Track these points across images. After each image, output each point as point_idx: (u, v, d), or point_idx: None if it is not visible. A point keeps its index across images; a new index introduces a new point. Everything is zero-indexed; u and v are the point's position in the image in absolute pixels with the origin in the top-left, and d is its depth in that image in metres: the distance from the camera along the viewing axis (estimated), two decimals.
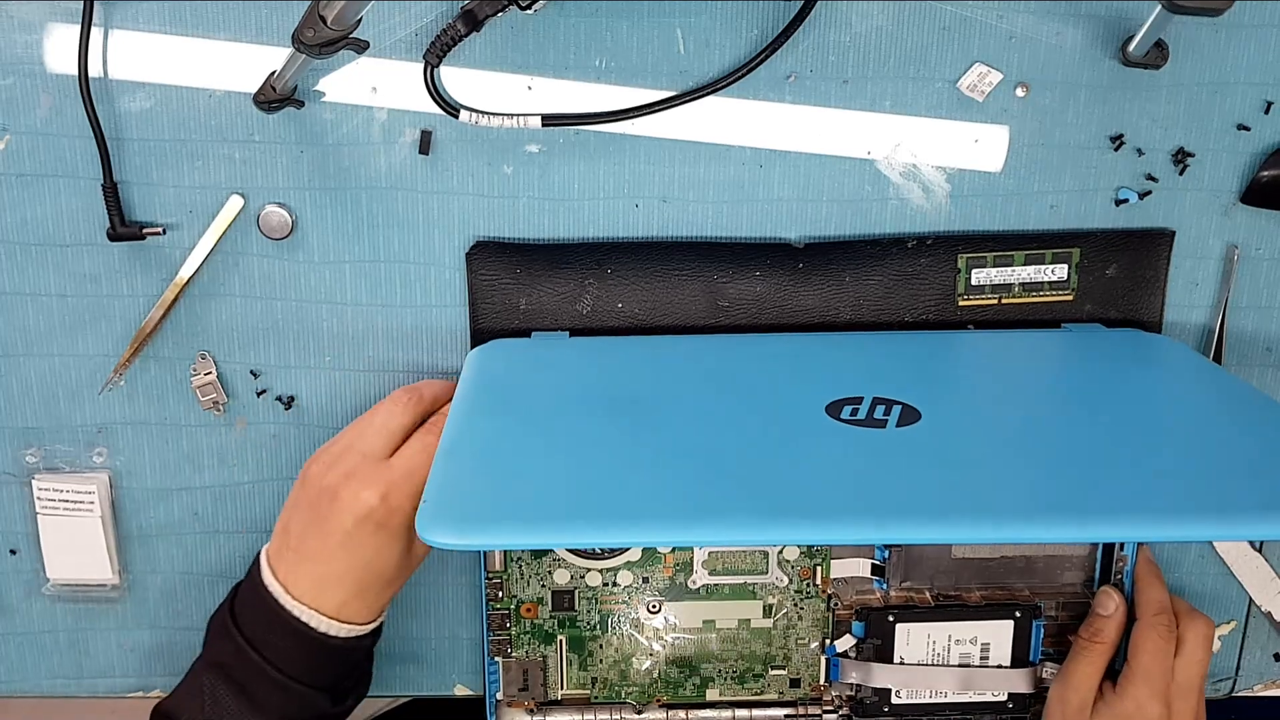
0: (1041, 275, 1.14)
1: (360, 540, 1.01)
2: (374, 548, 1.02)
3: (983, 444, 0.93)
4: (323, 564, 1.02)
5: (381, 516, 1.00)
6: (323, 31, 0.92)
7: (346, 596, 1.03)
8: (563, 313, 1.14)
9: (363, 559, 1.02)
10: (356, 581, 1.03)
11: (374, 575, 1.03)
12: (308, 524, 1.03)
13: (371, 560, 1.02)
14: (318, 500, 1.02)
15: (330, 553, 1.01)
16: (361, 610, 1.05)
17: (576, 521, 0.84)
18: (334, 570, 1.02)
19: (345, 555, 1.01)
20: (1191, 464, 0.88)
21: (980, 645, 1.17)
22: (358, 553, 1.01)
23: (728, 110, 1.10)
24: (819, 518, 0.82)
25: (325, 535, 1.01)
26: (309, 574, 1.03)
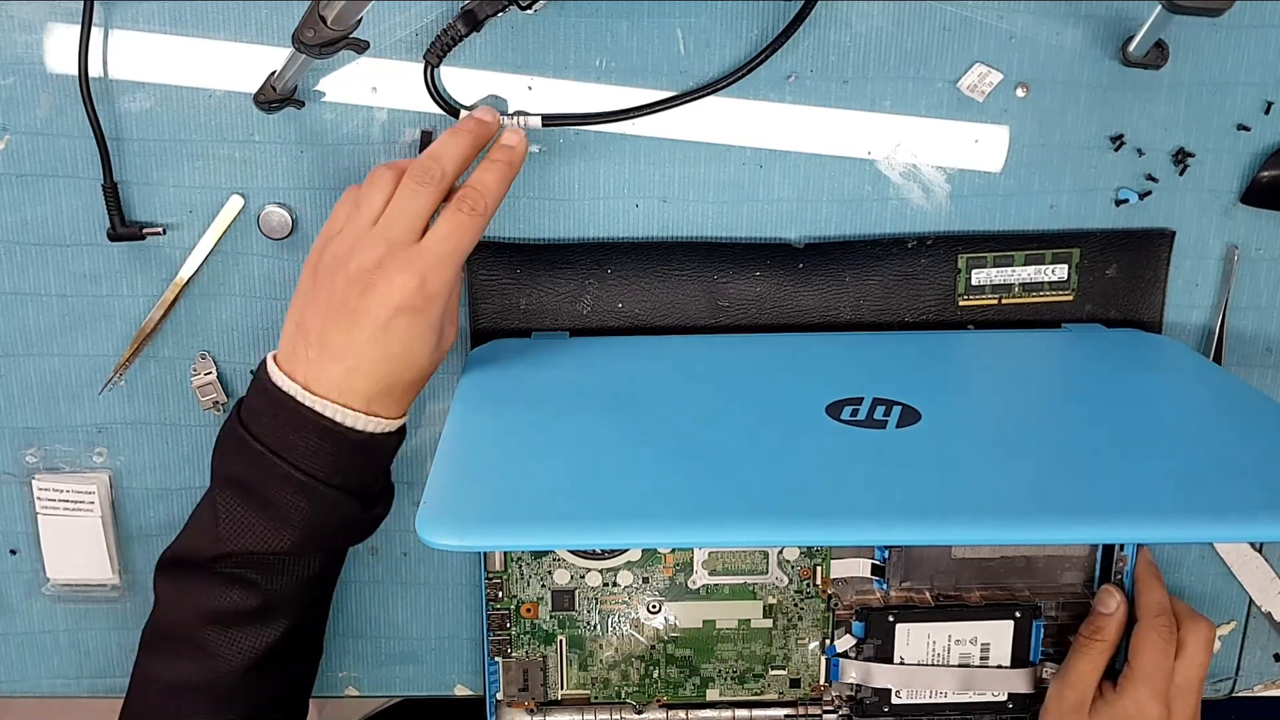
0: (1041, 275, 1.15)
1: (395, 331, 0.97)
2: (408, 338, 0.98)
3: (982, 445, 0.93)
4: (350, 359, 0.98)
5: (420, 303, 0.97)
6: (323, 32, 0.93)
7: (374, 392, 0.99)
8: (563, 313, 1.15)
9: (395, 350, 0.98)
10: (386, 375, 0.99)
11: (405, 367, 1.00)
12: (330, 319, 0.98)
13: (403, 352, 0.99)
14: (346, 293, 0.97)
15: (359, 347, 0.98)
16: (389, 406, 1.01)
17: (577, 522, 0.84)
18: (363, 364, 0.98)
19: (376, 348, 0.98)
20: (1191, 465, 0.89)
21: (980, 645, 1.18)
22: (391, 345, 0.98)
23: (728, 110, 1.10)
24: (819, 518, 0.83)
25: (353, 328, 0.97)
26: (334, 371, 0.99)
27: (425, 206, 0.99)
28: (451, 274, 0.98)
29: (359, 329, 0.97)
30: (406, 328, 0.97)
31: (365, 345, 0.97)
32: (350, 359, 0.98)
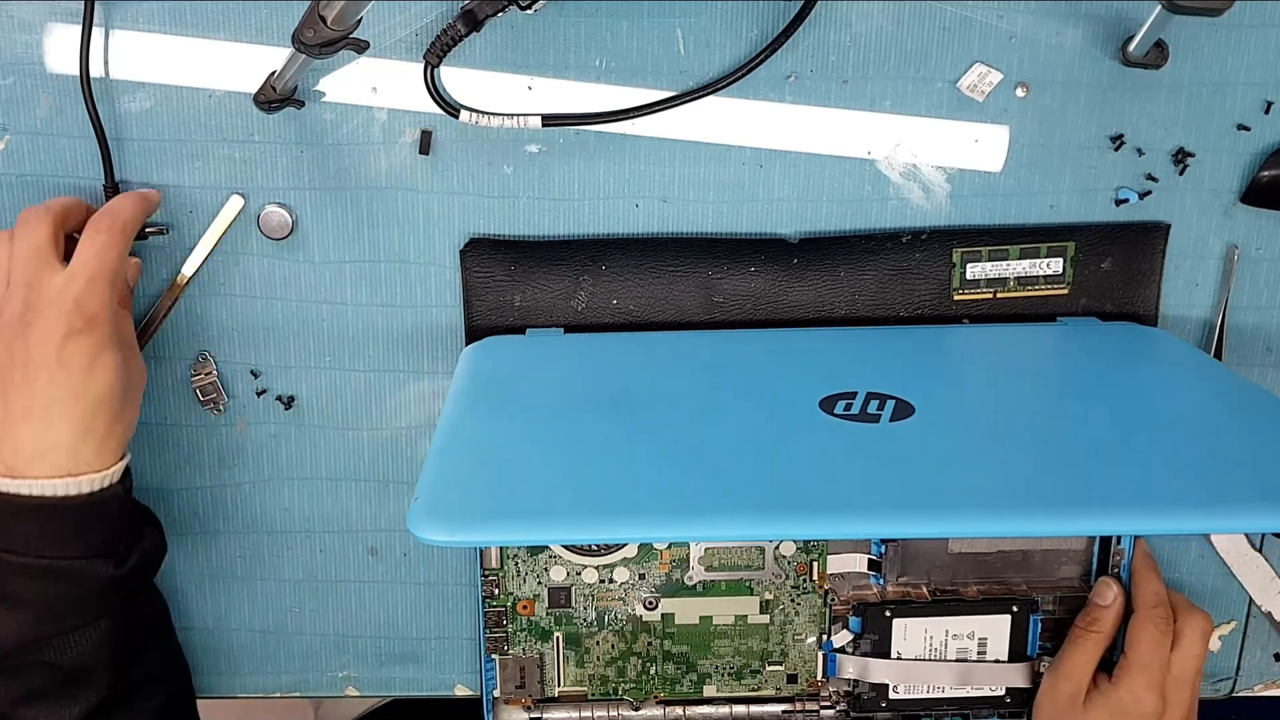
0: (1036, 269, 1.15)
1: (69, 363, 0.96)
2: (85, 365, 0.96)
3: (976, 438, 0.93)
4: (38, 412, 0.96)
5: (81, 324, 0.96)
6: (323, 32, 0.93)
7: (75, 441, 0.97)
8: (558, 309, 1.15)
9: (77, 383, 0.97)
10: (80, 417, 0.97)
11: (95, 400, 0.98)
12: (5, 381, 0.97)
13: (86, 383, 0.97)
14: (9, 350, 0.97)
15: (42, 395, 0.96)
16: (97, 454, 0.99)
17: (570, 517, 0.84)
18: (53, 413, 0.96)
19: (58, 388, 0.96)
20: (1187, 456, 0.89)
21: (978, 640, 1.18)
22: (72, 379, 0.96)
23: (728, 110, 1.11)
24: (812, 512, 0.83)
25: (29, 378, 0.96)
26: (27, 434, 0.97)
27: (45, 236, 0.99)
28: (104, 291, 0.98)
29: (34, 376, 0.96)
30: (79, 353, 0.96)
31: (47, 389, 0.96)
32: (39, 412, 0.97)
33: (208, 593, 1.22)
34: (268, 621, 1.23)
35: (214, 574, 1.22)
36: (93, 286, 0.97)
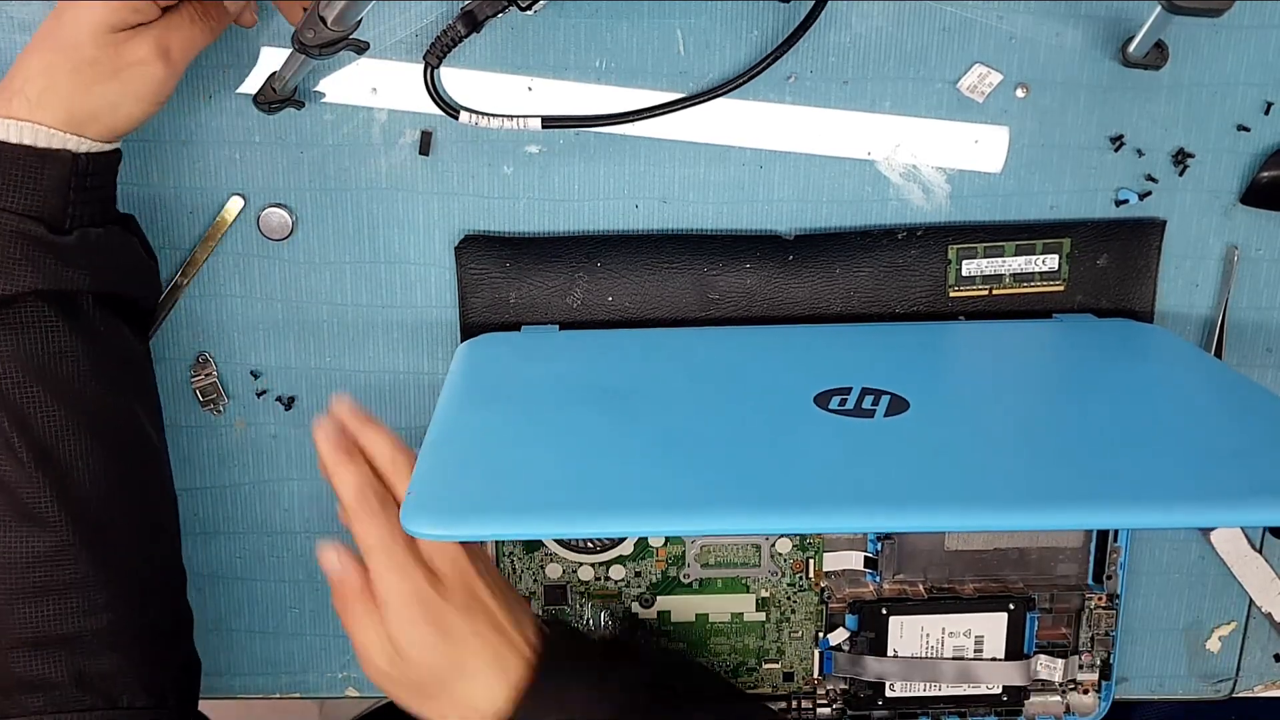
0: (1032, 266, 1.16)
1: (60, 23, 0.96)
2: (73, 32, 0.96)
3: (971, 433, 0.94)
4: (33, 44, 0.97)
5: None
6: (323, 32, 0.95)
7: (47, 73, 0.97)
8: (553, 306, 1.16)
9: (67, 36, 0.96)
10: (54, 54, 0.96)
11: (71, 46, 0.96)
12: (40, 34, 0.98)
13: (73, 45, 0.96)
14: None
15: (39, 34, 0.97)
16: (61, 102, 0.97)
17: (564, 511, 0.84)
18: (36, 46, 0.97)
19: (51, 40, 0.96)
20: (1183, 450, 0.90)
21: (974, 638, 1.20)
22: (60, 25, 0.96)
23: (728, 111, 1.12)
24: (806, 506, 0.84)
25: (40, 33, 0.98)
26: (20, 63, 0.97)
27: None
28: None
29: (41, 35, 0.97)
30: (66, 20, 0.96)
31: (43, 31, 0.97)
32: (34, 43, 0.97)
33: (207, 593, 1.23)
34: (268, 621, 1.24)
35: (214, 574, 1.23)
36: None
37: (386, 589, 0.94)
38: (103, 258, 1.03)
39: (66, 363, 1.00)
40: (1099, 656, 1.23)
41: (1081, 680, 1.24)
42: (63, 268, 1.00)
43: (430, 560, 0.96)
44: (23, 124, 0.96)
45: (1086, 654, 1.23)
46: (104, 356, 1.03)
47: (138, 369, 1.09)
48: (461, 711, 0.97)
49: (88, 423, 1.01)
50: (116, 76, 0.98)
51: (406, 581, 0.94)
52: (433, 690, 0.96)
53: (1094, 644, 1.23)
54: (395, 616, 0.94)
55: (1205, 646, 1.27)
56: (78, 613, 1.00)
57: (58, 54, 0.96)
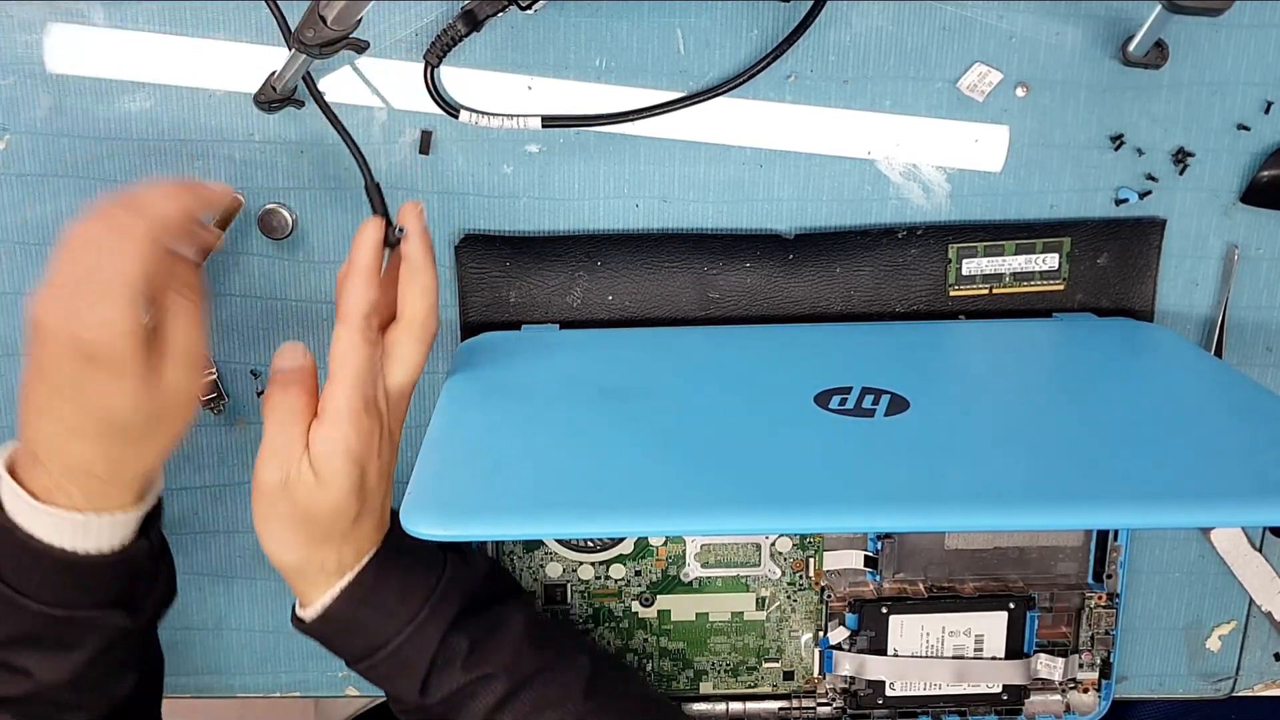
0: (1032, 265, 1.17)
1: (79, 385, 0.89)
2: (97, 388, 0.90)
3: (971, 432, 0.95)
4: (54, 415, 0.91)
5: (89, 348, 0.88)
6: (323, 32, 0.95)
7: (88, 453, 0.92)
8: (553, 305, 1.17)
9: (90, 406, 0.90)
10: (94, 435, 0.91)
11: (108, 425, 0.91)
12: (32, 372, 0.91)
13: (100, 408, 0.90)
14: (32, 352, 0.90)
15: (56, 403, 0.91)
16: (111, 478, 0.94)
17: (565, 511, 0.85)
18: (68, 421, 0.91)
19: (70, 404, 0.90)
20: (1183, 449, 0.91)
21: (974, 637, 1.21)
22: (82, 400, 0.90)
23: (728, 110, 1.13)
24: (807, 506, 0.84)
25: (42, 380, 0.91)
26: (46, 431, 0.92)
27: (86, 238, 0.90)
28: (114, 310, 0.88)
29: (45, 382, 0.91)
30: (88, 381, 0.90)
31: (61, 403, 0.91)
32: (54, 415, 0.92)
33: (208, 593, 1.24)
34: (268, 621, 1.25)
35: (214, 574, 1.24)
36: (99, 307, 0.88)
37: (342, 411, 0.96)
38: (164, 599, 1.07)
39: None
40: (1099, 655, 1.24)
41: (1081, 679, 1.25)
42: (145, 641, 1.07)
43: (382, 406, 0.99)
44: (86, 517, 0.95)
45: (1086, 653, 1.24)
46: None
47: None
48: (325, 566, 1.00)
49: None
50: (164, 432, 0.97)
51: (368, 412, 0.97)
52: (321, 530, 0.98)
53: (1094, 643, 1.24)
54: (338, 437, 0.95)
55: (1205, 645, 1.28)
56: None
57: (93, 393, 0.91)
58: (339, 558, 1.00)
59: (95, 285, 0.88)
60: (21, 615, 0.96)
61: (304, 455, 0.96)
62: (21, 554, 0.95)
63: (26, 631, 0.97)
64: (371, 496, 0.99)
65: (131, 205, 0.91)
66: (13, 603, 0.96)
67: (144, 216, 0.90)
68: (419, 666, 1.03)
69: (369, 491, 0.99)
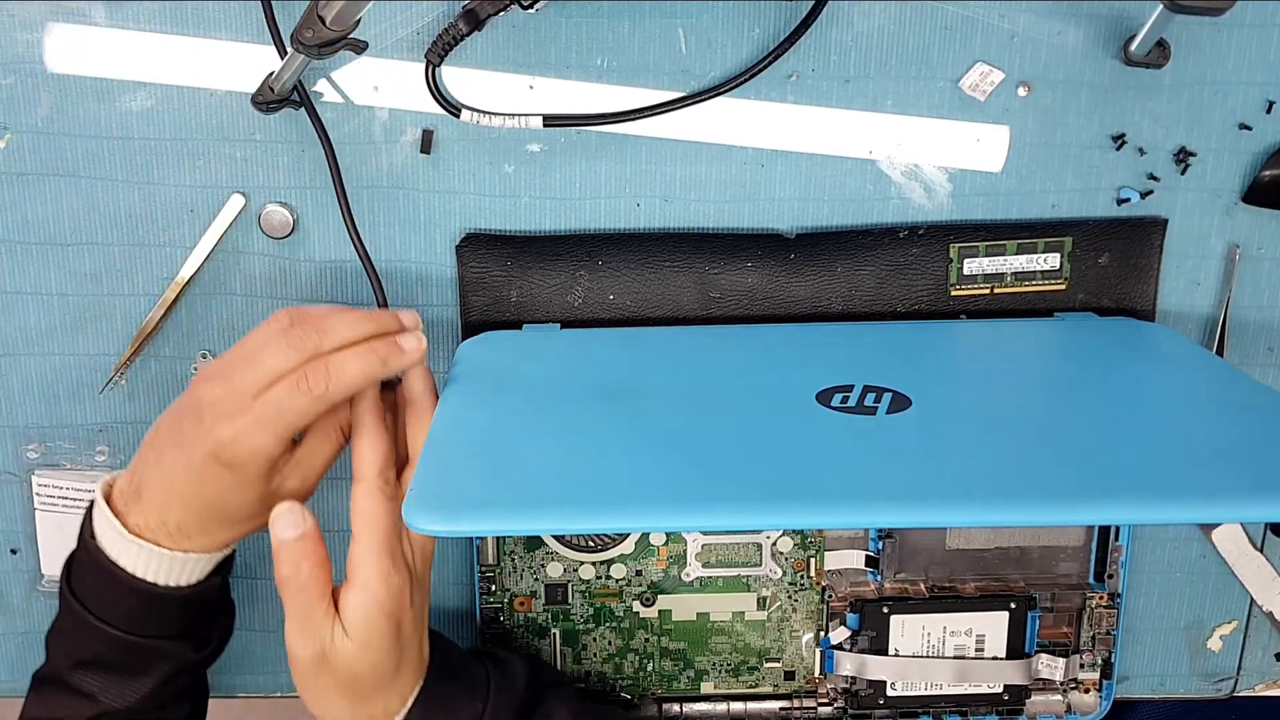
0: (1034, 264, 1.17)
1: (206, 475, 0.96)
2: (219, 484, 0.97)
3: (973, 430, 0.95)
4: (172, 478, 0.98)
5: (228, 458, 0.95)
6: (322, 32, 0.95)
7: (185, 519, 0.99)
8: (554, 305, 1.17)
9: (207, 492, 0.98)
10: (199, 510, 0.99)
11: (216, 511, 0.99)
12: (171, 434, 0.99)
13: (214, 497, 0.98)
14: (184, 414, 0.98)
15: (180, 473, 0.97)
16: (200, 539, 1.01)
17: (566, 507, 0.85)
18: (182, 491, 0.98)
19: (192, 482, 0.97)
20: (1184, 446, 0.91)
21: (975, 637, 1.21)
22: (203, 485, 0.97)
23: (730, 110, 1.13)
24: (808, 503, 0.84)
25: (180, 452, 0.97)
26: (159, 482, 0.99)
27: (278, 367, 0.96)
28: (266, 441, 0.95)
29: (182, 456, 0.97)
30: (215, 477, 0.97)
31: (184, 474, 0.98)
32: (172, 478, 0.98)
33: None
34: (268, 621, 1.25)
35: None
36: (257, 429, 0.95)
37: (372, 573, 0.96)
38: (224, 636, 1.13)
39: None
40: (1100, 655, 1.24)
41: (1083, 679, 1.25)
42: (202, 674, 1.13)
43: (409, 556, 1.00)
44: (169, 554, 1.01)
45: (1088, 653, 1.24)
46: None
47: None
48: (373, 717, 1.01)
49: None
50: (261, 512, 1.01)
51: (396, 569, 0.97)
52: (366, 689, 0.99)
53: (1095, 643, 1.24)
54: (371, 601, 0.96)
55: (1206, 645, 1.28)
56: None
57: (214, 483, 0.98)
58: (385, 706, 1.02)
59: (263, 414, 0.95)
60: (96, 639, 1.02)
61: (336, 624, 0.97)
62: (106, 581, 1.01)
63: (99, 655, 1.03)
64: (409, 645, 1.01)
65: (329, 366, 0.97)
66: (90, 627, 1.02)
67: (336, 383, 0.97)
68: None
69: (406, 641, 1.00)
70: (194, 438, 0.96)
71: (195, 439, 0.96)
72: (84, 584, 1.03)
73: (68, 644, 1.05)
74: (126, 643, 1.02)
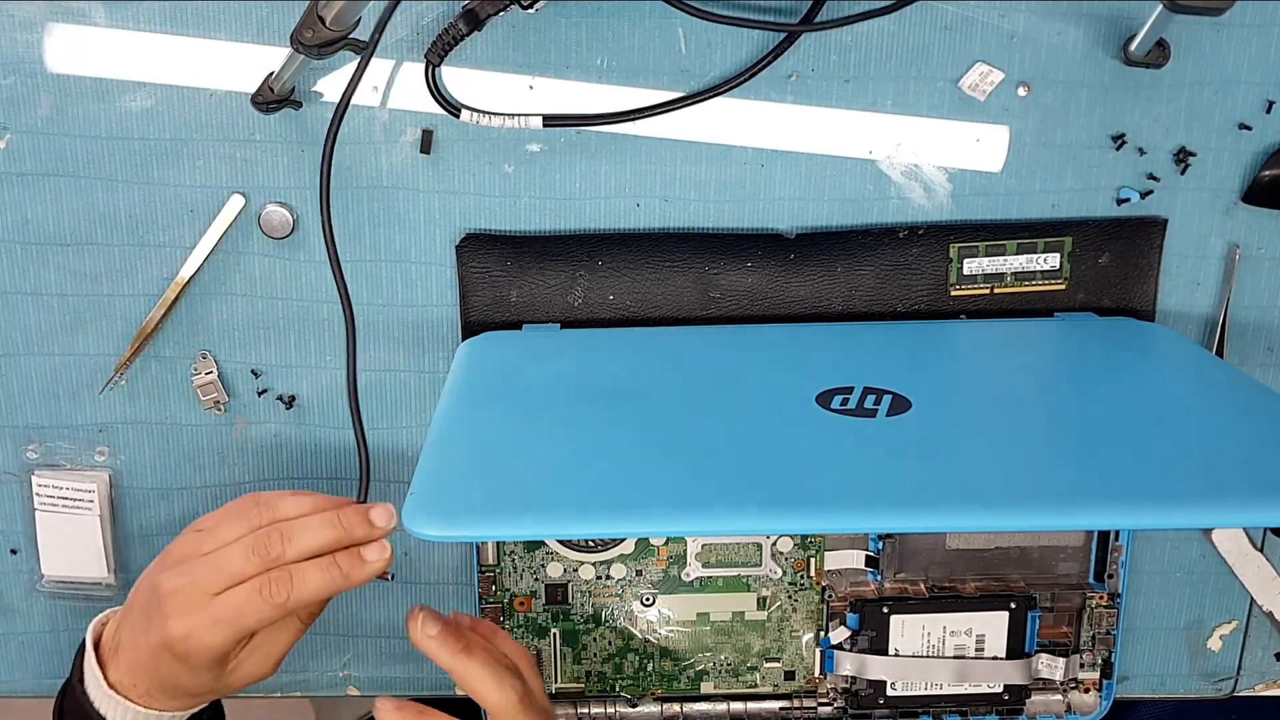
0: (1034, 264, 1.17)
1: (161, 660, 0.99)
2: (172, 670, 0.99)
3: (973, 432, 0.95)
4: (139, 650, 1.01)
5: (181, 652, 0.97)
6: (321, 32, 0.96)
7: (151, 685, 1.02)
8: (554, 305, 1.18)
9: (163, 673, 1.00)
10: (160, 682, 1.01)
11: (177, 688, 1.02)
12: (140, 610, 1.01)
13: (173, 677, 1.00)
14: (148, 596, 1.00)
15: (143, 647, 1.00)
16: (169, 703, 1.04)
17: (566, 511, 0.85)
18: (145, 662, 1.01)
19: (151, 660, 1.00)
20: (1185, 450, 0.91)
21: (975, 637, 1.21)
22: (159, 666, 1.00)
23: (729, 110, 1.14)
24: (809, 506, 0.84)
25: (141, 632, 1.00)
26: (130, 649, 1.02)
27: (240, 571, 0.97)
28: (219, 640, 0.97)
29: (143, 636, 1.00)
30: (169, 663, 0.99)
31: (146, 653, 1.00)
32: (139, 650, 1.01)
33: None
34: None
35: None
36: (214, 629, 0.97)
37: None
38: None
39: None
40: (1100, 655, 1.24)
41: (1083, 679, 1.25)
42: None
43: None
44: (138, 710, 1.03)
45: (1088, 653, 1.24)
46: None
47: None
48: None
49: None
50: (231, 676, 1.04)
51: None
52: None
53: (1095, 643, 1.24)
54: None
55: (1206, 645, 1.28)
56: None
57: (168, 667, 1.00)
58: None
59: (220, 614, 0.97)
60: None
61: None
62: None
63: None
64: None
65: (292, 576, 0.98)
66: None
67: (298, 593, 0.98)
68: None
69: None
70: (151, 625, 0.99)
71: (153, 626, 0.99)
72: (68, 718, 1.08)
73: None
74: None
